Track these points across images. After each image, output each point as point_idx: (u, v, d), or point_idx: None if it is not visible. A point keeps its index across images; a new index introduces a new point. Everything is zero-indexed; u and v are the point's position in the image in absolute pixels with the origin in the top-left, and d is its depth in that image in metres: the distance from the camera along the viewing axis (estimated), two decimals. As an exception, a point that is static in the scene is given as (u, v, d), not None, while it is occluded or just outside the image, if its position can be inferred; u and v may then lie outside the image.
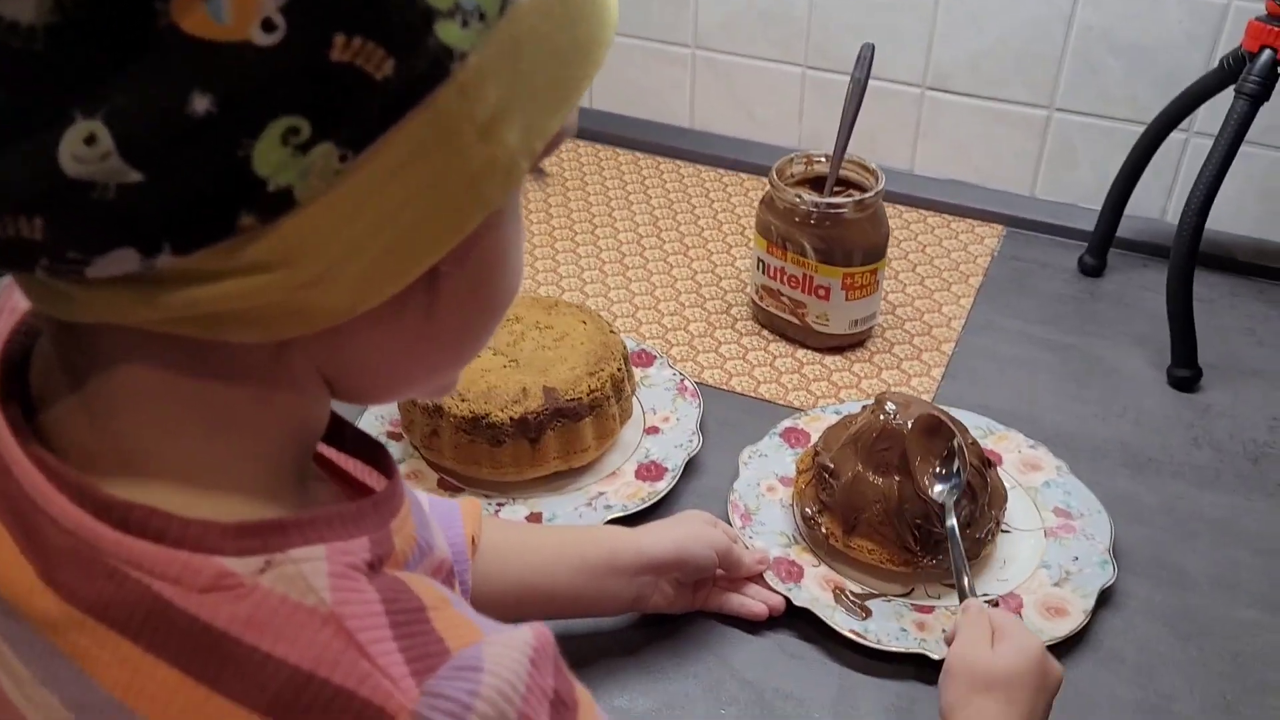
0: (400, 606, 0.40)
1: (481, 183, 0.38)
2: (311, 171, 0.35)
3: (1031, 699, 0.67)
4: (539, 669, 0.40)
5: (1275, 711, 0.78)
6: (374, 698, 0.38)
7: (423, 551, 0.46)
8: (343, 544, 0.40)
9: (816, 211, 1.06)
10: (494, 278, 0.44)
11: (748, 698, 0.79)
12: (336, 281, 0.38)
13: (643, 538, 0.81)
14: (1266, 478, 0.97)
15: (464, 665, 0.39)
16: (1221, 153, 1.02)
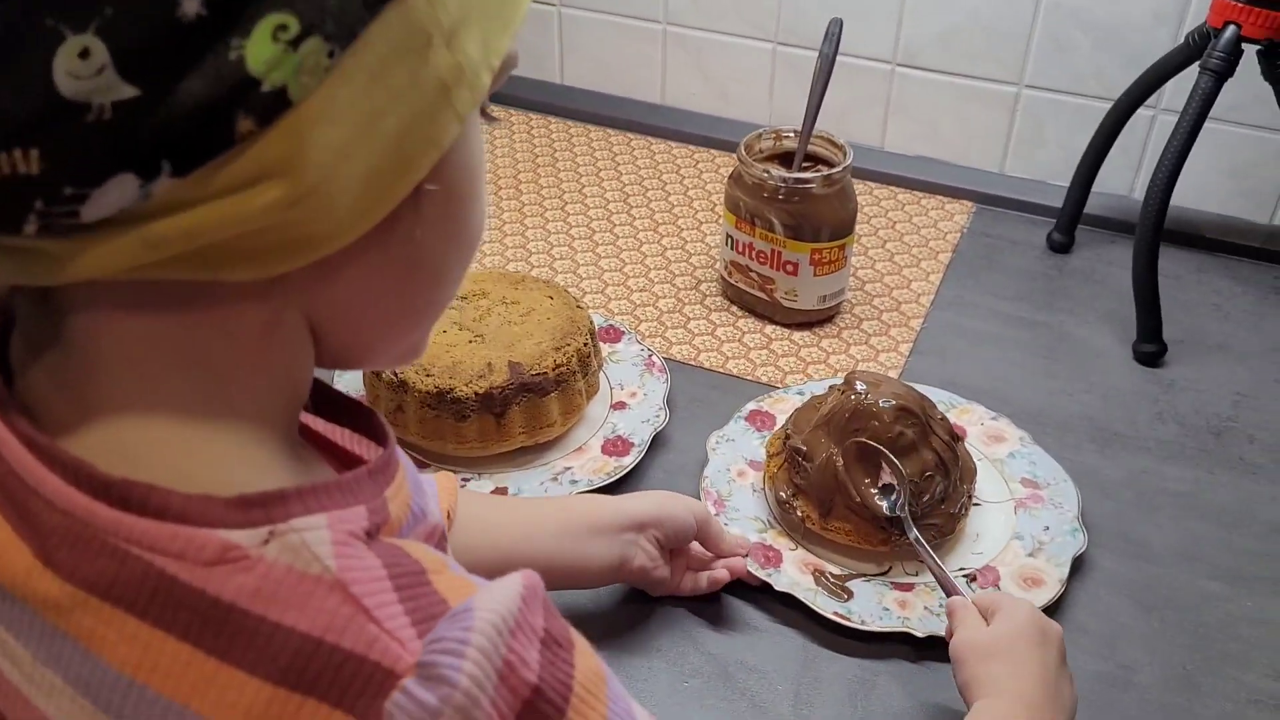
0: (402, 570, 0.40)
1: (452, 91, 0.39)
2: (303, 68, 0.35)
3: (1038, 655, 0.70)
4: (529, 607, 0.41)
5: (1234, 682, 0.79)
6: (384, 660, 0.38)
7: (416, 518, 0.46)
8: (342, 512, 0.40)
9: (784, 187, 1.06)
10: (469, 202, 0.45)
11: (711, 670, 0.79)
12: (329, 199, 0.38)
13: (620, 499, 0.81)
14: (1229, 451, 0.98)
15: (457, 611, 0.39)
16: (1186, 129, 1.02)
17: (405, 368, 0.91)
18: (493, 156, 1.41)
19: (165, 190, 0.35)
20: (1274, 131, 1.18)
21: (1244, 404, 1.04)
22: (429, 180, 0.41)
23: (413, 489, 0.47)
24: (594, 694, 0.42)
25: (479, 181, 0.45)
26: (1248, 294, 1.18)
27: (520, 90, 1.52)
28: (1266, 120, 1.18)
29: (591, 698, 0.42)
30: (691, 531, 0.82)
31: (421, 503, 0.48)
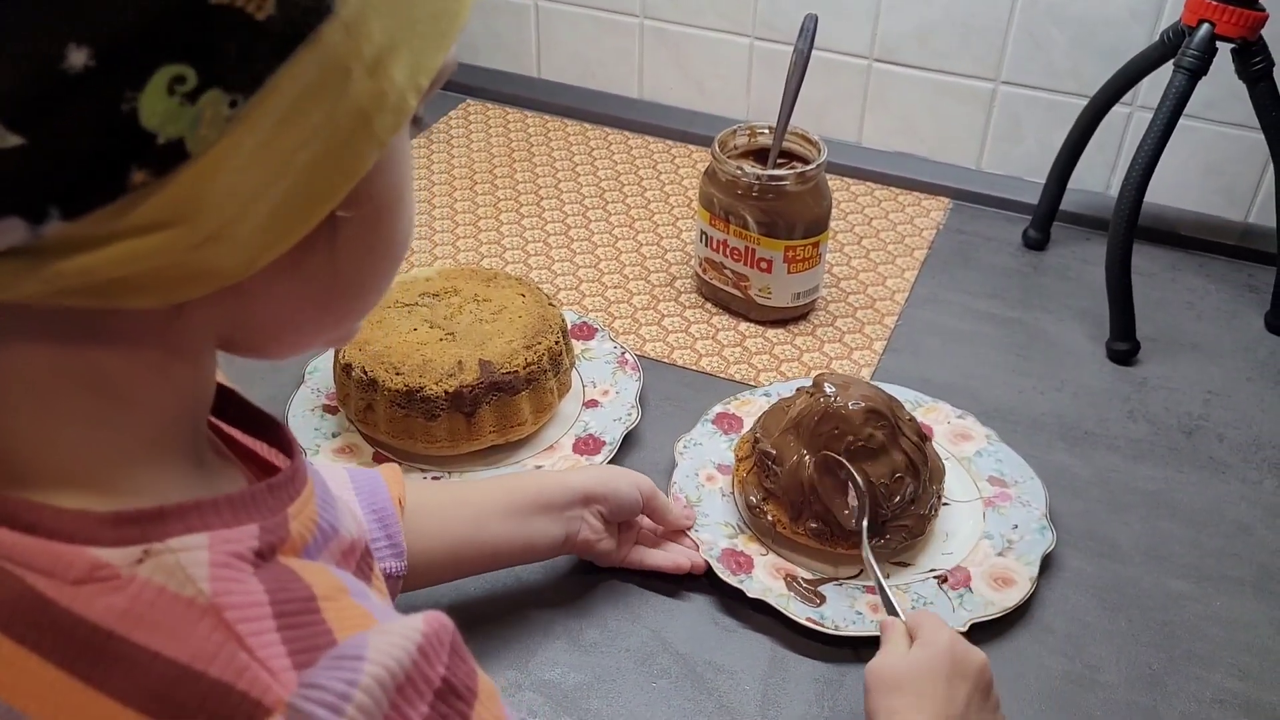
0: (288, 597, 0.39)
1: (373, 120, 0.38)
2: (201, 121, 0.34)
3: (945, 689, 0.68)
4: (426, 658, 0.40)
5: (1200, 681, 0.79)
6: (251, 690, 0.37)
7: (325, 535, 0.45)
8: (227, 532, 0.39)
9: (758, 184, 1.05)
10: (391, 220, 0.44)
11: (679, 670, 0.79)
12: (234, 236, 0.37)
13: (565, 475, 0.83)
14: (1199, 451, 0.98)
15: (345, 654, 0.38)
16: (1160, 127, 1.02)
17: (375, 366, 0.90)
18: (468, 150, 1.40)
19: (57, 232, 0.35)
20: (1249, 129, 1.18)
21: (1215, 402, 1.04)
22: (345, 206, 0.40)
23: (321, 505, 0.46)
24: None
25: (402, 197, 0.44)
26: (1221, 292, 1.19)
27: (497, 84, 1.51)
28: (1242, 118, 1.18)
29: None
30: (636, 506, 0.83)
31: (331, 519, 0.46)
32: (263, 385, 1.02)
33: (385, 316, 0.95)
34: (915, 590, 0.83)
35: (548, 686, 0.77)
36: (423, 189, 1.33)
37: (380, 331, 0.93)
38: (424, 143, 1.42)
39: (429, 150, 1.40)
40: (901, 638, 0.73)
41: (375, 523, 0.73)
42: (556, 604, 0.83)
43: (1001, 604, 0.82)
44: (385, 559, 0.72)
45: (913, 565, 0.86)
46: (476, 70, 1.54)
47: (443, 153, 1.40)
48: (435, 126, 1.45)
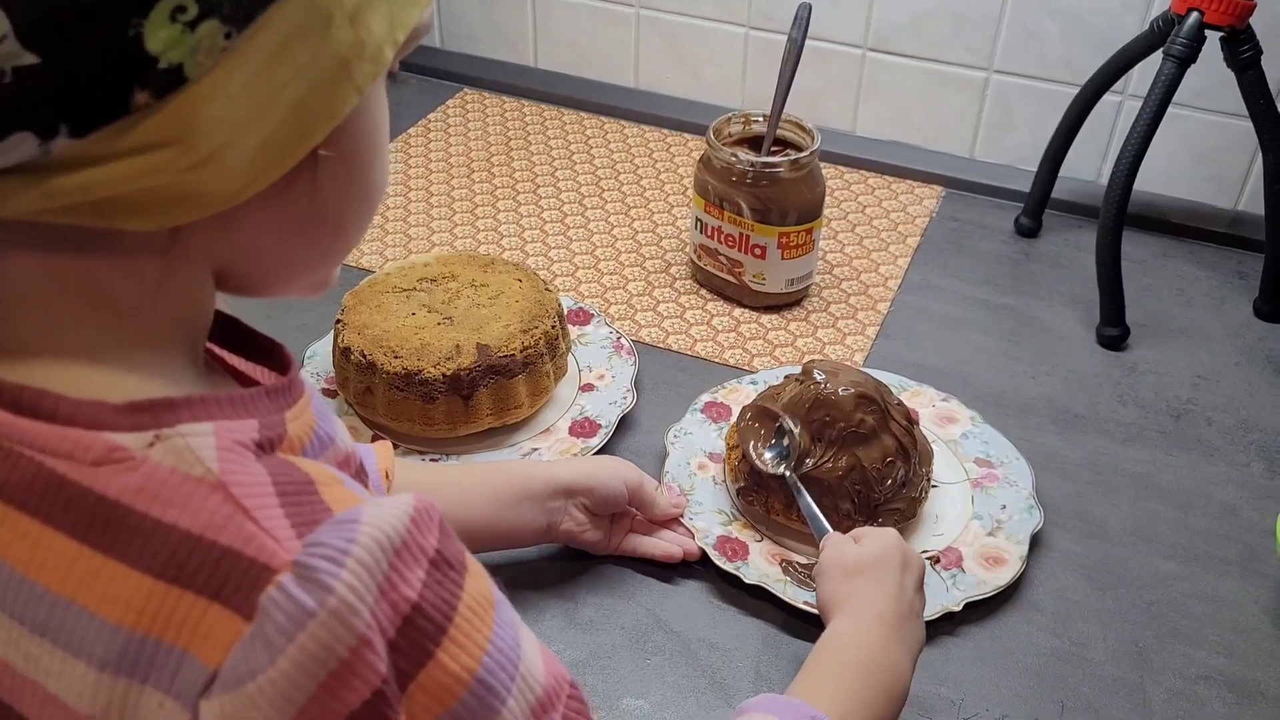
0: (287, 479, 0.42)
1: (353, 67, 0.42)
2: (200, 48, 0.38)
3: (899, 575, 0.73)
4: (419, 528, 0.43)
5: (1184, 658, 0.80)
6: (259, 556, 0.40)
7: (323, 442, 0.49)
8: (231, 423, 0.43)
9: (752, 171, 1.07)
10: (368, 164, 0.48)
11: (674, 647, 0.80)
12: (225, 163, 0.40)
13: (553, 466, 0.84)
14: (1186, 434, 1.00)
15: (344, 519, 0.41)
16: (1149, 115, 1.03)
17: (374, 349, 0.91)
18: (466, 139, 1.41)
19: (63, 149, 0.38)
20: (1239, 118, 1.19)
21: (1203, 387, 1.05)
22: (325, 146, 0.43)
23: (319, 414, 0.49)
24: (480, 616, 0.44)
25: (379, 144, 0.48)
26: (1211, 279, 1.20)
27: (494, 73, 1.52)
28: (1232, 107, 1.19)
29: (477, 619, 0.44)
30: (621, 498, 0.84)
31: (329, 429, 0.50)
32: (262, 370, 1.03)
33: (384, 301, 0.96)
34: (907, 571, 0.84)
35: (544, 663, 0.79)
36: (420, 177, 1.34)
37: (379, 316, 0.95)
38: (422, 131, 1.43)
39: (427, 139, 1.41)
40: (847, 539, 0.77)
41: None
42: (553, 583, 0.85)
43: (994, 583, 0.83)
44: None
45: None
46: (474, 60, 1.55)
47: (440, 141, 1.41)
48: (433, 115, 1.46)
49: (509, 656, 0.45)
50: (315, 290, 0.53)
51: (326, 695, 0.39)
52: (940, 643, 0.81)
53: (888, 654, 0.69)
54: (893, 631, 0.69)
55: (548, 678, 0.48)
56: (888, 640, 0.69)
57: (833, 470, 0.84)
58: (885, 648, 0.69)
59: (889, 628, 0.69)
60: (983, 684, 0.78)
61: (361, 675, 0.40)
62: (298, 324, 1.09)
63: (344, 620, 0.39)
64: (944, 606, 0.81)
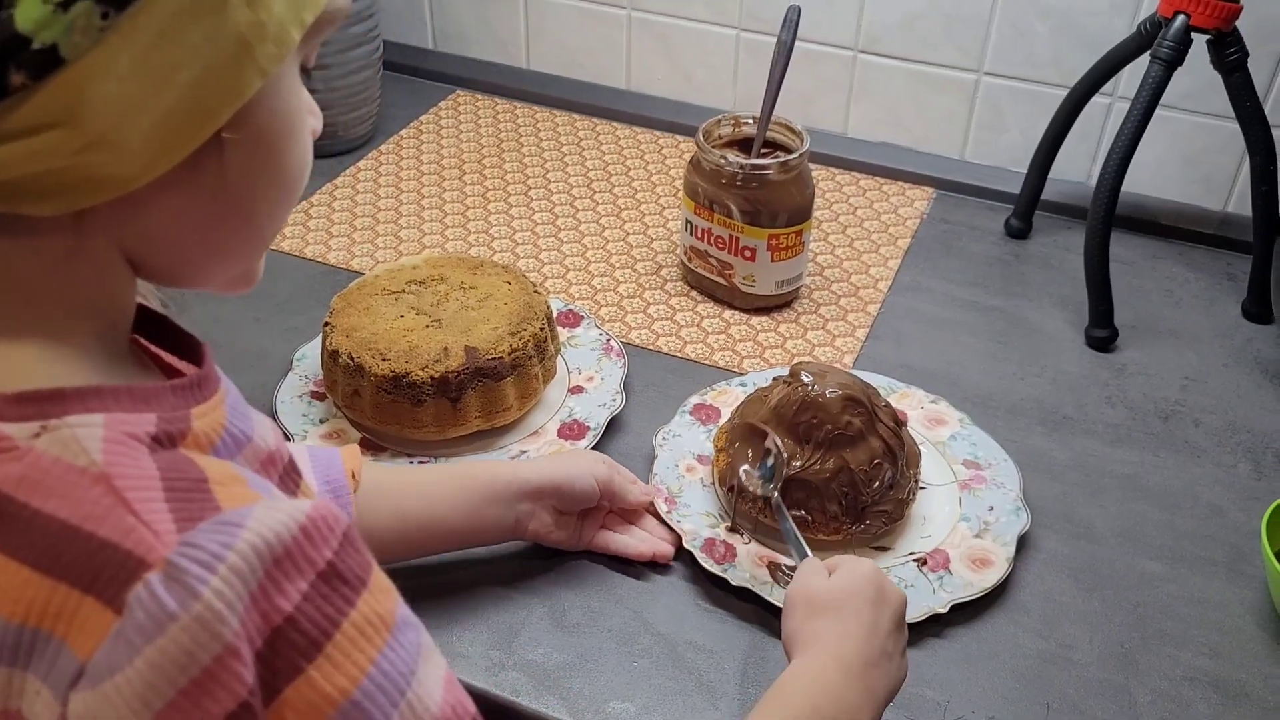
0: (178, 475, 0.42)
1: (254, 48, 0.42)
2: (74, 28, 0.38)
3: (869, 613, 0.67)
4: (310, 539, 0.42)
5: (1170, 659, 0.81)
6: (136, 549, 0.40)
7: (237, 440, 0.49)
8: (124, 415, 0.43)
9: (742, 173, 1.07)
10: (280, 149, 0.47)
11: (660, 650, 0.80)
12: (120, 144, 0.41)
13: (521, 466, 0.84)
14: (1174, 435, 1.00)
15: (226, 521, 0.41)
16: (1137, 117, 1.03)
17: (362, 352, 0.92)
18: (457, 141, 1.41)
19: None
20: (1227, 120, 1.19)
21: (1191, 388, 1.05)
22: (231, 128, 0.43)
23: (233, 413, 0.49)
24: (367, 637, 0.43)
25: (294, 128, 0.48)
26: (1200, 280, 1.20)
27: (486, 74, 1.52)
28: (1220, 109, 1.19)
29: (363, 639, 0.43)
30: (591, 495, 0.84)
31: (244, 428, 0.50)
32: (251, 373, 1.03)
33: (373, 304, 0.96)
34: (896, 573, 0.84)
35: (531, 666, 0.79)
36: (411, 179, 1.34)
37: (367, 318, 0.95)
38: (413, 133, 1.43)
39: (419, 140, 1.41)
40: (820, 567, 0.72)
41: (328, 494, 0.75)
42: (539, 586, 0.85)
43: (980, 585, 0.83)
44: None
45: (892, 549, 0.87)
46: (466, 61, 1.55)
47: (432, 143, 1.41)
48: (424, 117, 1.46)
49: (395, 683, 0.44)
50: (240, 285, 0.53)
51: (187, 702, 0.39)
52: (926, 644, 0.81)
53: (843, 703, 0.64)
54: (852, 678, 0.64)
55: (443, 709, 0.46)
56: (844, 688, 0.64)
57: (820, 472, 0.84)
58: (841, 696, 0.64)
59: (849, 674, 0.65)
60: (969, 686, 0.78)
61: (226, 685, 0.39)
62: (287, 326, 1.09)
63: (209, 628, 0.38)
64: (930, 608, 0.81)
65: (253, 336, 1.08)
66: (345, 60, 1.32)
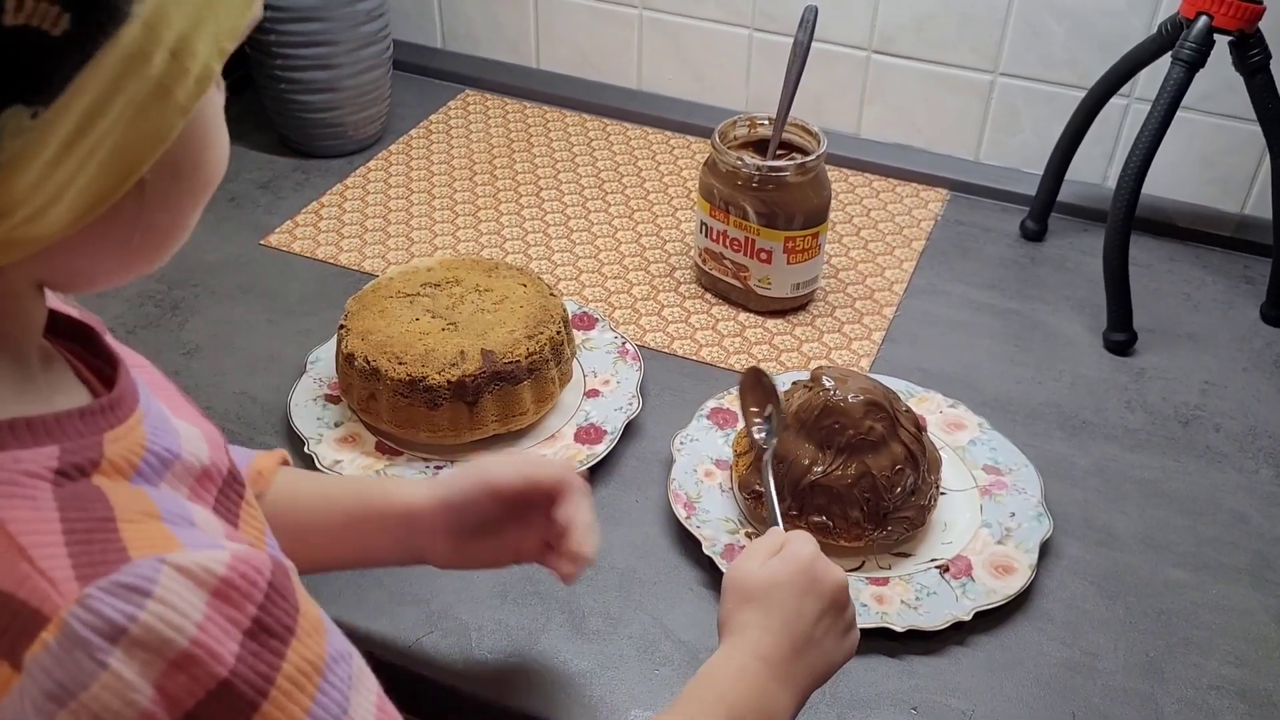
0: (80, 515, 0.41)
1: (173, 91, 0.41)
2: (4, 133, 0.37)
3: (794, 606, 0.65)
4: (231, 601, 0.41)
5: (1197, 668, 0.80)
6: (30, 599, 0.38)
7: (162, 459, 0.47)
8: (20, 452, 0.41)
9: (758, 175, 1.06)
10: (197, 168, 0.46)
11: (682, 658, 0.79)
12: (49, 215, 0.40)
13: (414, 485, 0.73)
14: (1195, 440, 0.99)
15: (132, 585, 0.39)
16: (1157, 119, 1.03)
17: (378, 356, 0.91)
18: (468, 141, 1.40)
19: None
20: (1245, 121, 1.19)
21: (1211, 393, 1.05)
22: (152, 170, 0.42)
23: (154, 433, 0.47)
24: (300, 687, 0.42)
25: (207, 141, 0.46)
26: (1218, 283, 1.19)
27: (496, 74, 1.51)
28: (1238, 110, 1.18)
29: (297, 691, 0.42)
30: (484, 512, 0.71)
31: (169, 445, 0.48)
32: (264, 375, 1.02)
33: (388, 306, 0.95)
34: (918, 580, 0.83)
35: (551, 674, 0.78)
36: (422, 179, 1.33)
37: (383, 321, 0.94)
38: (424, 133, 1.42)
39: (429, 140, 1.40)
40: (767, 546, 0.69)
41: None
42: (558, 592, 0.84)
43: (1003, 592, 0.82)
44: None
45: (913, 555, 0.86)
46: (476, 60, 1.54)
47: (442, 143, 1.40)
48: (434, 117, 1.45)
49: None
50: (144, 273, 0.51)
51: None
52: (950, 652, 0.80)
53: (761, 695, 0.63)
54: (775, 669, 0.64)
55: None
56: (766, 679, 0.63)
57: (842, 478, 0.83)
58: (761, 687, 0.63)
59: (770, 665, 0.64)
60: (993, 694, 0.78)
61: None
62: (299, 329, 1.09)
63: (121, 696, 0.37)
64: (954, 616, 0.80)
65: (265, 339, 1.07)
66: (355, 60, 1.31)
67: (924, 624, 0.80)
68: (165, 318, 1.10)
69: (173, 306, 1.11)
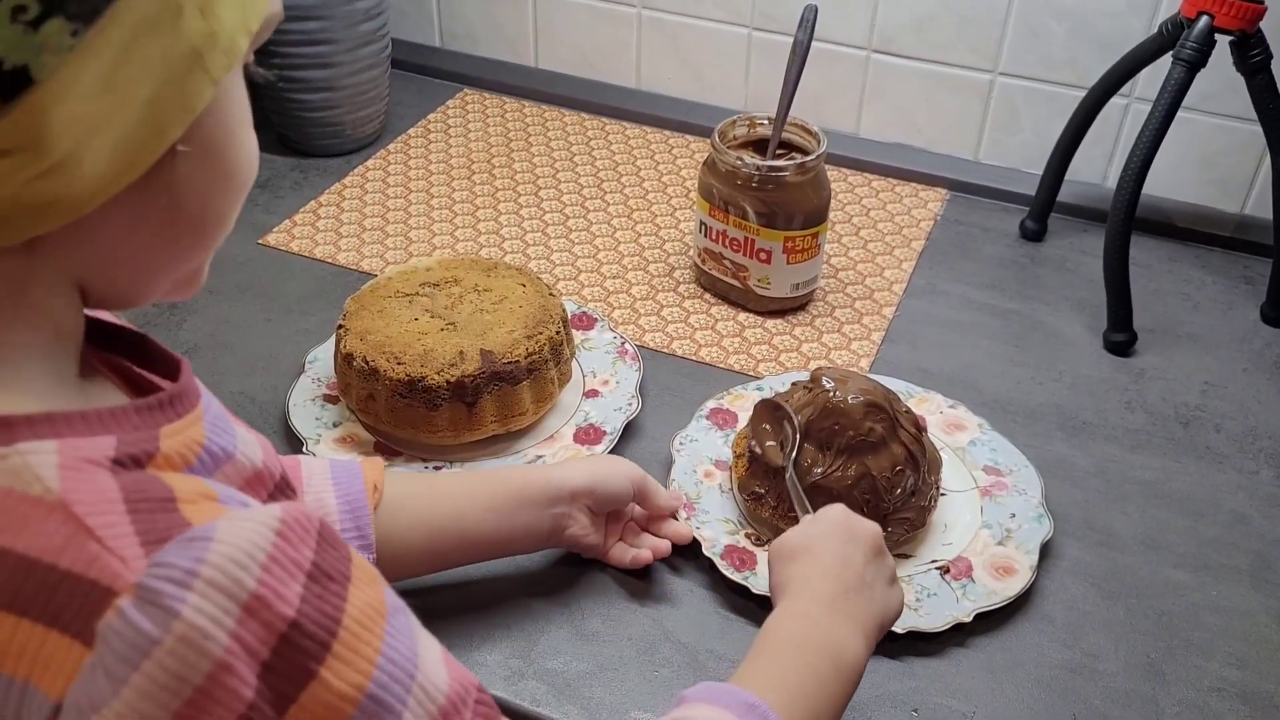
0: (144, 496, 0.41)
1: (205, 58, 0.42)
2: (45, 48, 0.37)
3: (838, 551, 0.70)
4: (289, 541, 0.41)
5: (1197, 670, 0.80)
6: (101, 578, 0.38)
7: (215, 458, 0.47)
8: (79, 440, 0.41)
9: (758, 175, 1.06)
10: (229, 155, 0.47)
11: (681, 659, 0.79)
12: (77, 166, 0.40)
13: (553, 469, 0.82)
14: (1196, 441, 0.99)
15: (194, 536, 0.39)
16: (1158, 119, 1.02)
17: (377, 356, 0.90)
18: (467, 140, 1.40)
19: None
20: (1246, 121, 1.19)
21: (1212, 393, 1.04)
22: (182, 141, 0.43)
23: (213, 430, 0.48)
24: (368, 629, 0.42)
25: (240, 133, 0.47)
26: (1218, 283, 1.19)
27: (495, 73, 1.51)
28: (1238, 110, 1.18)
29: (365, 632, 0.42)
30: (627, 496, 0.83)
31: (226, 443, 0.49)
32: (262, 375, 1.02)
33: (386, 306, 0.95)
34: (918, 581, 0.83)
35: (550, 675, 0.78)
36: (421, 179, 1.33)
37: (381, 321, 0.93)
38: (422, 132, 1.41)
39: (427, 139, 1.40)
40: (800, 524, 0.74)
41: (347, 513, 0.73)
42: (559, 594, 0.84)
43: (1004, 593, 0.82)
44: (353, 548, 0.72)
45: (914, 557, 0.86)
46: (474, 59, 1.54)
47: (441, 143, 1.40)
48: (433, 116, 1.45)
49: (404, 668, 0.44)
50: (186, 288, 0.52)
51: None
52: (950, 654, 0.80)
53: (824, 629, 0.66)
54: (830, 607, 0.67)
55: (451, 685, 0.46)
56: (824, 616, 0.67)
57: (842, 479, 0.83)
58: (819, 623, 0.66)
59: (825, 605, 0.67)
60: (994, 696, 0.78)
61: (223, 702, 0.38)
62: (297, 329, 1.08)
63: (196, 646, 0.37)
64: (954, 618, 0.80)
65: (263, 339, 1.07)
66: (353, 59, 1.30)
67: (925, 625, 0.80)
68: (163, 317, 1.10)
69: (170, 305, 1.11)
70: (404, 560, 0.76)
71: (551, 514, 0.80)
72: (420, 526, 0.77)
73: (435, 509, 0.78)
